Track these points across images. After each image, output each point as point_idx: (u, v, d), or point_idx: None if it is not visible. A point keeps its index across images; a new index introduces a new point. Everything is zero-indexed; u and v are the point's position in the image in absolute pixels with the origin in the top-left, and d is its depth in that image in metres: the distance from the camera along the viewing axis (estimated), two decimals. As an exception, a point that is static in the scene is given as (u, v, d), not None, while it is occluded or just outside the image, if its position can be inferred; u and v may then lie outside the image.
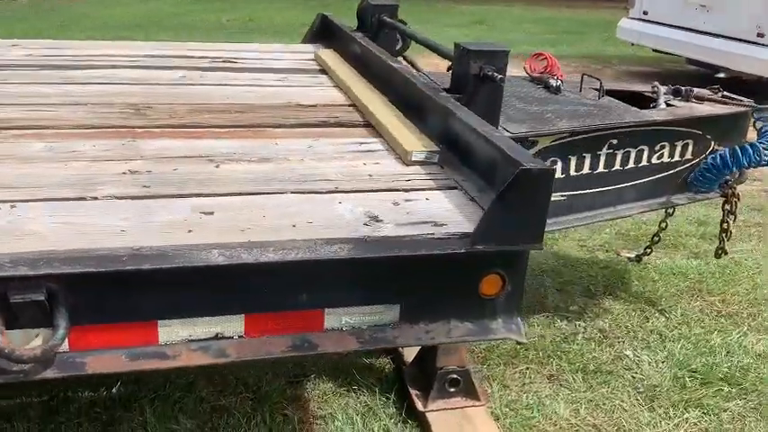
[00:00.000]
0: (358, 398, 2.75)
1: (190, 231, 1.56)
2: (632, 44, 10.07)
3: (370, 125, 2.44)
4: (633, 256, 4.09)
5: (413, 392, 2.67)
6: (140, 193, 1.76)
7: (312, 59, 3.55)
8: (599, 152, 2.84)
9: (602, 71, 9.94)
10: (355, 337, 1.61)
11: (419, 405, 2.60)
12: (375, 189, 1.87)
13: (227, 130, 2.30)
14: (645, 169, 3.00)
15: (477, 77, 2.21)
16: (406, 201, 1.80)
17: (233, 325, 1.54)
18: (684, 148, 3.09)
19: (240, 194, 1.77)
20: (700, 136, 3.10)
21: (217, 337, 1.54)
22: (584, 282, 3.81)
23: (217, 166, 1.96)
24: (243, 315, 1.54)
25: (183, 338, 1.52)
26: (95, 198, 1.70)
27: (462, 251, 1.55)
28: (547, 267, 3.93)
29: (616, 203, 2.99)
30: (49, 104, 2.43)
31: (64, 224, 1.55)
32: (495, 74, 2.17)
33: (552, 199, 2.28)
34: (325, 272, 1.53)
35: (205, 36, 10.98)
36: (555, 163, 2.73)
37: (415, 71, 3.03)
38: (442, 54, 2.66)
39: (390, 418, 2.61)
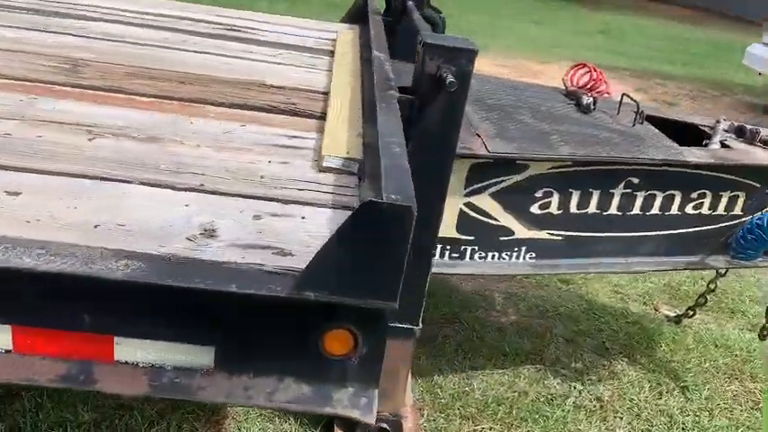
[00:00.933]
0: (280, 425, 2.42)
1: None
2: (759, 73, 9.01)
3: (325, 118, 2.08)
4: (673, 315, 3.49)
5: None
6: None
7: (329, 39, 3.20)
8: (612, 190, 2.33)
9: (718, 99, 9.00)
10: (149, 378, 1.27)
11: (340, 450, 2.24)
12: (250, 195, 1.51)
13: (149, 100, 2.01)
14: (675, 219, 2.45)
15: (432, 78, 1.79)
16: (274, 215, 1.44)
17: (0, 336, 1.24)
18: (732, 200, 2.50)
19: (70, 176, 1.47)
20: (756, 189, 2.51)
21: (-18, 349, 1.25)
22: (602, 335, 3.27)
23: (90, 140, 1.67)
24: (9, 326, 1.24)
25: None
26: None
27: (282, 294, 1.17)
28: (563, 310, 3.41)
29: (629, 254, 2.47)
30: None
31: None
32: (449, 77, 1.74)
33: (545, 237, 1.87)
34: (112, 291, 1.20)
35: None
36: (549, 194, 2.26)
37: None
38: None
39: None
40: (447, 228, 2.22)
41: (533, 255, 2.39)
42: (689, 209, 2.48)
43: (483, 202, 2.23)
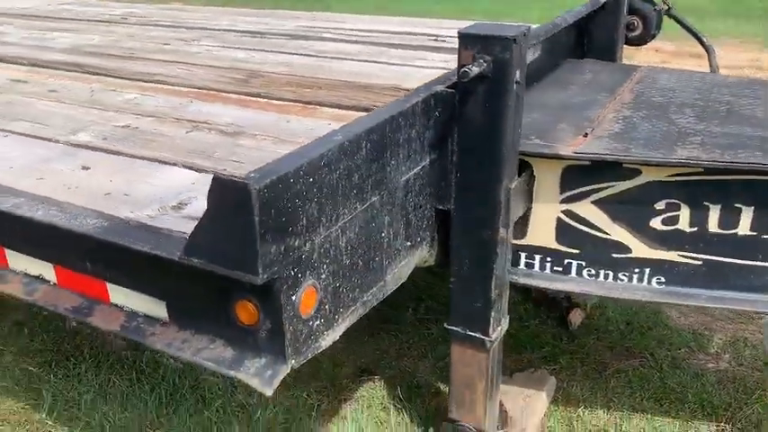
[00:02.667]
0: (395, 416, 2.48)
1: (40, 179, 1.72)
2: None
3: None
4: None
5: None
6: (97, 144, 1.97)
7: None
8: None
9: None
10: (124, 320, 1.53)
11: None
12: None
13: (279, 103, 2.31)
14: None
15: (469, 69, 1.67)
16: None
17: (49, 272, 1.65)
18: None
19: (139, 158, 1.82)
20: None
21: (39, 278, 1.68)
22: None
23: (187, 132, 2.03)
24: (52, 265, 1.64)
25: (20, 270, 1.71)
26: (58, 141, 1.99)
27: (175, 258, 1.31)
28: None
29: None
30: (190, 64, 2.84)
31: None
32: (483, 66, 1.61)
33: (676, 260, 1.85)
34: (99, 244, 1.49)
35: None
36: (675, 207, 1.88)
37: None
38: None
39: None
40: (545, 236, 2.02)
41: (662, 279, 1.99)
42: None
43: (585, 210, 1.96)
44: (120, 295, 1.55)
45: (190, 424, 2.42)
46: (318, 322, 1.45)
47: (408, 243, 1.80)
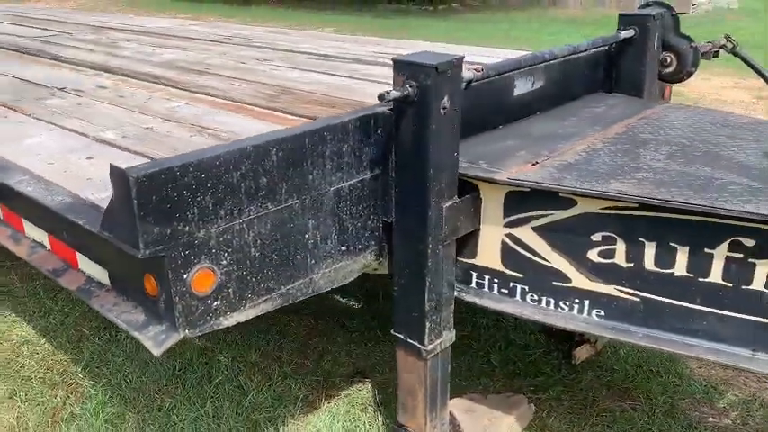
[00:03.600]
0: (367, 418, 2.62)
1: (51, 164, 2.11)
2: None
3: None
4: None
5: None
6: (115, 141, 2.35)
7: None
8: (709, 250, 1.79)
9: None
10: (81, 283, 1.85)
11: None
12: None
13: (292, 117, 2.57)
14: None
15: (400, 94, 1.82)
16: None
17: (45, 240, 2.03)
18: None
19: (141, 155, 2.16)
20: None
21: (40, 244, 2.06)
22: None
23: (191, 136, 2.36)
24: (47, 234, 2.01)
25: (30, 236, 2.10)
26: (87, 136, 2.39)
27: (95, 231, 1.60)
28: None
29: (745, 344, 1.80)
30: (245, 80, 3.19)
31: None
32: (409, 90, 1.76)
33: (614, 294, 1.92)
34: (62, 219, 1.82)
35: None
36: (611, 241, 1.89)
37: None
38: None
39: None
40: (491, 258, 2.10)
41: (601, 312, 1.99)
42: None
43: (526, 236, 2.02)
44: (84, 263, 1.88)
45: (191, 395, 2.73)
46: (219, 303, 1.68)
47: (343, 248, 1.97)
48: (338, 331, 3.16)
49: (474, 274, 2.15)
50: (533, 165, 2.02)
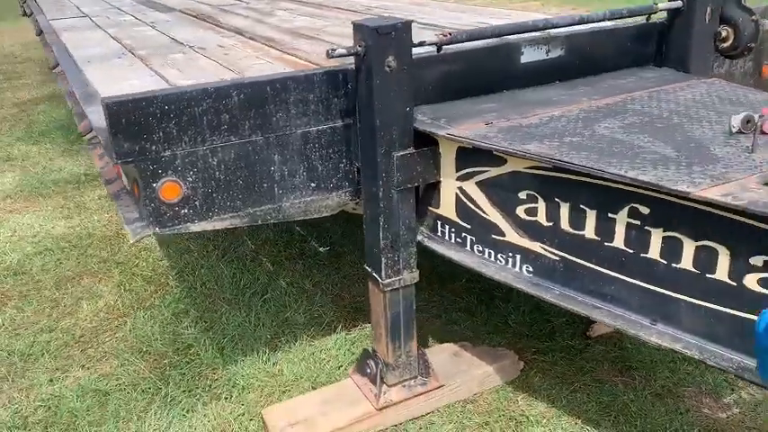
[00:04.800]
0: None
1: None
2: None
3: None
4: None
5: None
6: (174, 77, 2.90)
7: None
8: (612, 215, 1.85)
9: None
10: (118, 190, 2.43)
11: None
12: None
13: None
14: (722, 290, 1.68)
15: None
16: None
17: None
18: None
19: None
20: None
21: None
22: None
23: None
24: (112, 152, 2.62)
25: (107, 156, 2.74)
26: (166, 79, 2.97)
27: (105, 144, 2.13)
28: None
29: (660, 319, 1.82)
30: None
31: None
32: (358, 49, 2.03)
33: (539, 251, 2.08)
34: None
35: None
36: (534, 199, 2.02)
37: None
38: None
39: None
40: (449, 208, 2.29)
41: (530, 269, 2.10)
42: (749, 281, 1.61)
43: (471, 190, 2.18)
44: (122, 174, 2.45)
45: (243, 305, 3.26)
46: (187, 211, 2.12)
47: (313, 184, 2.30)
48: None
49: (439, 223, 2.36)
50: (486, 125, 2.16)
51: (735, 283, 1.63)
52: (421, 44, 2.20)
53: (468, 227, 2.24)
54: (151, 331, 3.08)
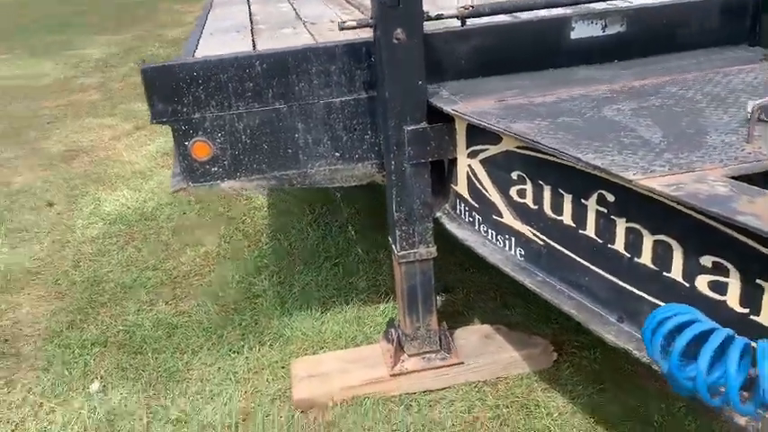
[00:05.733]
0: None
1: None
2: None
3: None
4: None
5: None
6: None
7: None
8: (584, 201, 1.76)
9: None
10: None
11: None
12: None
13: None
14: (681, 291, 1.55)
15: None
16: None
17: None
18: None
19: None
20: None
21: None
22: None
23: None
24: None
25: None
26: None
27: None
28: None
29: (626, 316, 1.71)
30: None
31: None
32: (368, 21, 2.09)
33: (529, 235, 2.08)
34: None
35: None
36: (523, 180, 1.97)
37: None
38: None
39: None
40: (463, 186, 2.28)
41: (522, 253, 2.03)
42: (700, 283, 1.46)
43: (477, 168, 2.14)
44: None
45: (312, 267, 3.47)
46: (216, 168, 2.34)
47: (337, 154, 2.40)
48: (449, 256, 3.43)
49: (457, 201, 2.35)
50: (497, 101, 2.11)
51: (688, 285, 1.48)
52: (438, 17, 2.20)
53: (477, 206, 2.22)
54: (231, 279, 3.42)
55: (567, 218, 1.80)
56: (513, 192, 2.01)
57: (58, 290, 3.47)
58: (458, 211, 2.36)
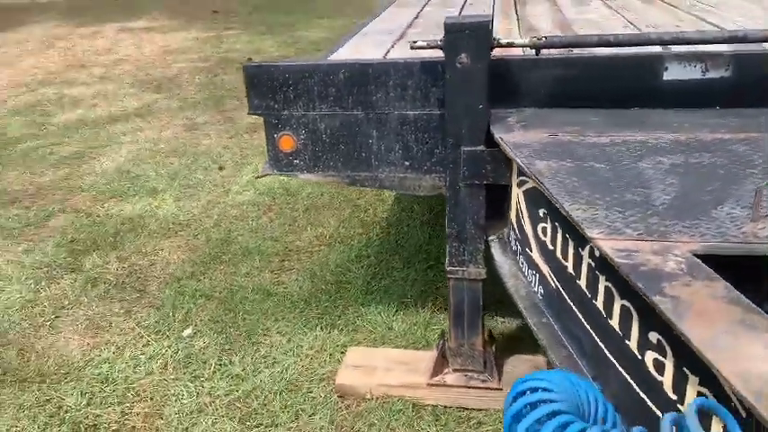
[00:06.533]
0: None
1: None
2: None
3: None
4: None
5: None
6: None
7: None
8: (581, 251, 1.73)
9: None
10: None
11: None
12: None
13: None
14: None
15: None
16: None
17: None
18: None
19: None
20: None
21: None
22: None
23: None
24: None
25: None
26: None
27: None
28: None
29: (593, 370, 1.67)
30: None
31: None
32: (438, 43, 2.17)
33: (544, 270, 2.08)
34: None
35: None
36: (545, 219, 1.96)
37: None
38: None
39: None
40: (513, 214, 2.28)
41: (542, 291, 2.00)
42: (648, 359, 1.39)
43: (521, 199, 2.13)
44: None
45: (364, 266, 3.61)
46: (298, 161, 2.58)
47: (407, 163, 2.51)
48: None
49: (509, 227, 2.35)
50: (549, 135, 2.08)
51: (639, 358, 1.41)
52: (509, 44, 2.21)
53: (519, 236, 2.21)
54: (332, 262, 3.68)
55: (570, 265, 1.76)
56: (539, 228, 1.98)
57: (195, 243, 4.00)
58: (507, 238, 2.36)
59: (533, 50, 2.25)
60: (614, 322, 1.51)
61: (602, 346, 1.59)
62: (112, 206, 4.56)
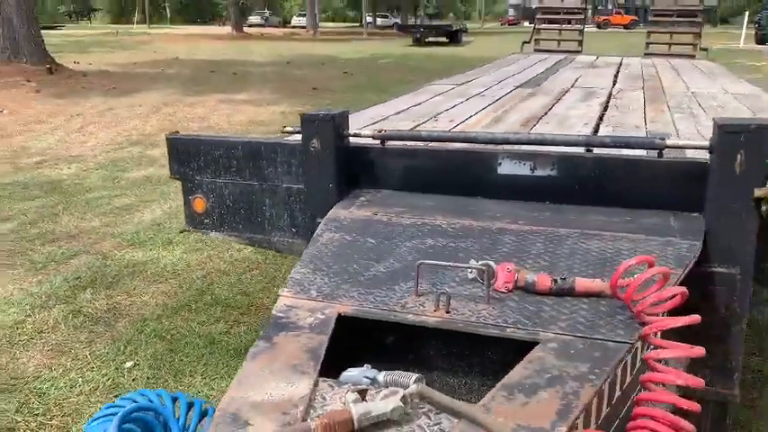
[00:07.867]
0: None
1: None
2: None
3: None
4: None
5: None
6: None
7: None
8: None
9: None
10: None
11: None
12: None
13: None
14: None
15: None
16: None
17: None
18: None
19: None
20: None
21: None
22: None
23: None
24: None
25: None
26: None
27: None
28: None
29: None
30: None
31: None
32: (293, 129, 2.52)
33: None
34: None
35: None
36: None
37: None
38: None
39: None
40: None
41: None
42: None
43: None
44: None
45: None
46: (208, 221, 2.99)
47: (294, 230, 2.86)
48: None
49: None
50: (372, 213, 2.36)
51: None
52: (356, 135, 2.54)
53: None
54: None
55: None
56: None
57: (176, 290, 4.48)
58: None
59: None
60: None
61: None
62: (128, 252, 5.17)
